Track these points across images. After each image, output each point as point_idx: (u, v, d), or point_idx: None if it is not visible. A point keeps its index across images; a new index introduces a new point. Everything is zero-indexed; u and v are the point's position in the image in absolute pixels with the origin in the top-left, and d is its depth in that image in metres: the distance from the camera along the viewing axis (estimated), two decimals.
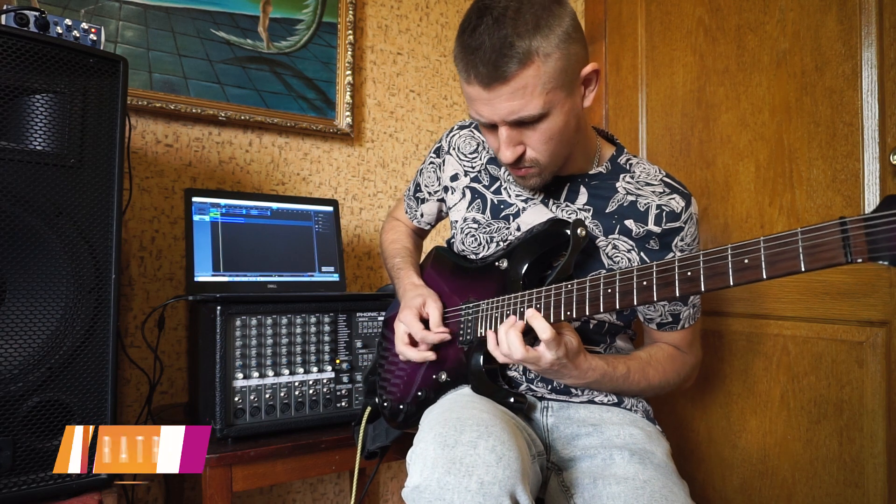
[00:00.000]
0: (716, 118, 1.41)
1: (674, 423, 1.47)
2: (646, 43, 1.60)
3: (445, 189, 1.14)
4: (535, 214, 1.00)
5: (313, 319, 1.24)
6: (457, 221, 1.10)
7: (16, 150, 0.92)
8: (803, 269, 0.60)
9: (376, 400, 1.12)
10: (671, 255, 0.97)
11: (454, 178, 1.11)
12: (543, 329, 0.81)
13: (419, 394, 1.02)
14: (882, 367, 1.11)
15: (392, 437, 1.09)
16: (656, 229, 0.95)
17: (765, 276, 0.62)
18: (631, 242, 0.97)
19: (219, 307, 1.12)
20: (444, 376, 0.99)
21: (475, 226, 1.06)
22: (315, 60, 1.71)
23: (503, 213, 1.04)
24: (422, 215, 1.25)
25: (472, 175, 1.08)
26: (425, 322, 1.01)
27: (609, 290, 0.77)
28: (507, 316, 0.90)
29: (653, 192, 0.97)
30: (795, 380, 1.24)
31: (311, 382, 1.22)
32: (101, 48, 1.03)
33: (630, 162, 1.01)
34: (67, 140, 0.96)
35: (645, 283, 0.73)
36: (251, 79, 1.61)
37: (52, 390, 0.94)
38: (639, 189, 0.98)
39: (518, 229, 1.02)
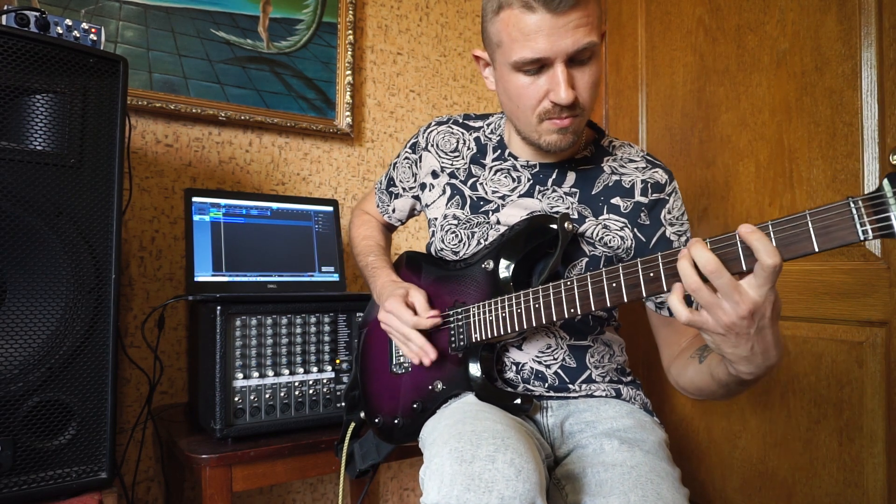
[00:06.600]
0: (716, 118, 1.41)
1: (674, 423, 1.47)
2: (646, 43, 1.60)
3: (423, 186, 1.12)
4: (513, 209, 1.00)
5: (313, 319, 1.24)
6: (436, 219, 1.08)
7: (16, 150, 0.92)
8: (817, 250, 0.59)
9: (362, 415, 1.09)
10: (662, 229, 0.97)
11: (434, 174, 1.10)
12: (709, 260, 0.63)
13: (415, 406, 0.98)
14: (882, 367, 1.11)
15: (384, 452, 1.05)
16: (643, 199, 0.97)
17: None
18: (622, 220, 0.97)
19: (219, 307, 1.12)
20: (440, 385, 0.96)
21: (455, 222, 1.05)
22: (315, 60, 1.71)
23: (482, 209, 1.03)
24: (394, 210, 1.23)
25: (450, 171, 1.08)
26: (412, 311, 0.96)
27: (614, 284, 0.74)
28: (502, 318, 0.87)
29: (635, 168, 1.00)
30: (795, 380, 1.24)
31: (311, 382, 1.23)
32: (101, 48, 1.03)
33: (612, 144, 1.04)
34: (67, 140, 0.96)
35: (652, 274, 0.70)
36: (251, 79, 1.61)
37: (52, 390, 0.94)
38: (622, 167, 1.00)
39: (497, 223, 1.01)
